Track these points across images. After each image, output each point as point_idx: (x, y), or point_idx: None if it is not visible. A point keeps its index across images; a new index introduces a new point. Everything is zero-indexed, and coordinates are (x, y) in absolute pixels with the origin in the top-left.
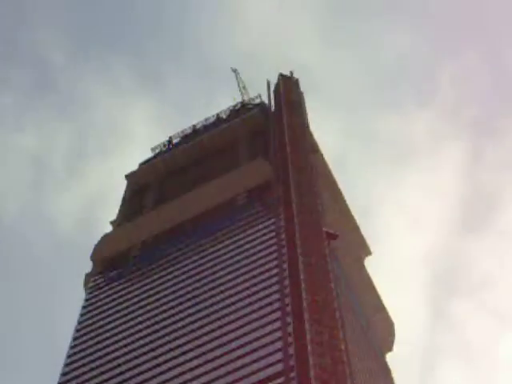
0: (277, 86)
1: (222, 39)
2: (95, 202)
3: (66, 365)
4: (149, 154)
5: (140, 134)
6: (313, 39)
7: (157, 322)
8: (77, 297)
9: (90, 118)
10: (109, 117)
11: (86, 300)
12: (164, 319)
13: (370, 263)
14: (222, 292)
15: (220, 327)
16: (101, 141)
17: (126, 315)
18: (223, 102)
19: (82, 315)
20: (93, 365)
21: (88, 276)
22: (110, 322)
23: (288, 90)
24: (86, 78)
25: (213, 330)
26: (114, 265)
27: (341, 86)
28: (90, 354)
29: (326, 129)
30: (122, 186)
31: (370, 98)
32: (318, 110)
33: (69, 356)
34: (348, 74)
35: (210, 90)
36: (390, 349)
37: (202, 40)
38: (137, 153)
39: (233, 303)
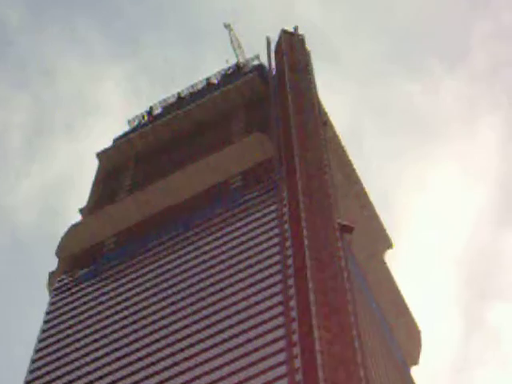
0: (278, 44)
1: None
2: (61, 186)
3: (28, 382)
4: (125, 128)
5: (114, 104)
6: None
7: (134, 331)
8: (39, 300)
9: (53, 88)
10: (76, 86)
11: (51, 304)
12: (143, 327)
13: (390, 258)
14: (214, 294)
15: (214, 335)
16: (67, 114)
17: (98, 321)
18: (214, 65)
19: (45, 322)
20: (59, 381)
21: (53, 275)
22: (79, 331)
23: (292, 48)
24: (48, 42)
25: (206, 338)
26: (84, 262)
27: (351, 46)
28: (56, 368)
29: (336, 97)
30: (92, 166)
31: (386, 60)
32: (326, 75)
33: (31, 371)
34: (359, 31)
35: (198, 51)
36: (415, 361)
37: None
38: (110, 127)
39: (228, 306)
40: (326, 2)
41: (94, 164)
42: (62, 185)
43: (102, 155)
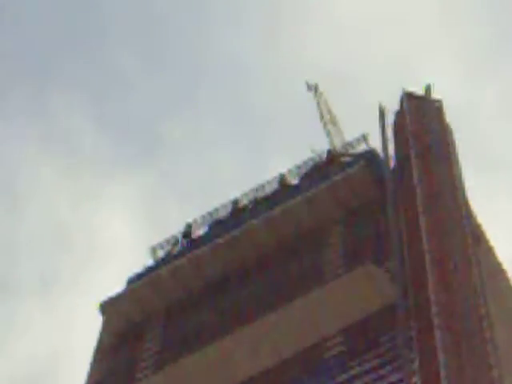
0: (398, 115)
1: (284, 44)
2: (41, 370)
3: None
4: (146, 262)
5: (122, 226)
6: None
7: None
8: None
9: (17, 212)
10: (53, 206)
11: None
12: None
13: None
14: None
15: None
16: (40, 253)
17: None
18: (289, 155)
19: None
20: None
21: None
22: None
23: (422, 122)
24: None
25: None
26: None
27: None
28: None
29: (493, 204)
30: (92, 328)
31: None
32: (473, 170)
33: None
34: None
35: (260, 133)
36: None
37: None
38: (120, 262)
39: None
40: (472, 68)
41: (96, 323)
42: (43, 367)
43: (108, 308)
